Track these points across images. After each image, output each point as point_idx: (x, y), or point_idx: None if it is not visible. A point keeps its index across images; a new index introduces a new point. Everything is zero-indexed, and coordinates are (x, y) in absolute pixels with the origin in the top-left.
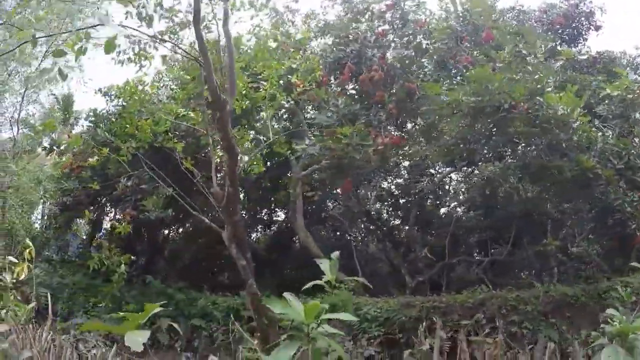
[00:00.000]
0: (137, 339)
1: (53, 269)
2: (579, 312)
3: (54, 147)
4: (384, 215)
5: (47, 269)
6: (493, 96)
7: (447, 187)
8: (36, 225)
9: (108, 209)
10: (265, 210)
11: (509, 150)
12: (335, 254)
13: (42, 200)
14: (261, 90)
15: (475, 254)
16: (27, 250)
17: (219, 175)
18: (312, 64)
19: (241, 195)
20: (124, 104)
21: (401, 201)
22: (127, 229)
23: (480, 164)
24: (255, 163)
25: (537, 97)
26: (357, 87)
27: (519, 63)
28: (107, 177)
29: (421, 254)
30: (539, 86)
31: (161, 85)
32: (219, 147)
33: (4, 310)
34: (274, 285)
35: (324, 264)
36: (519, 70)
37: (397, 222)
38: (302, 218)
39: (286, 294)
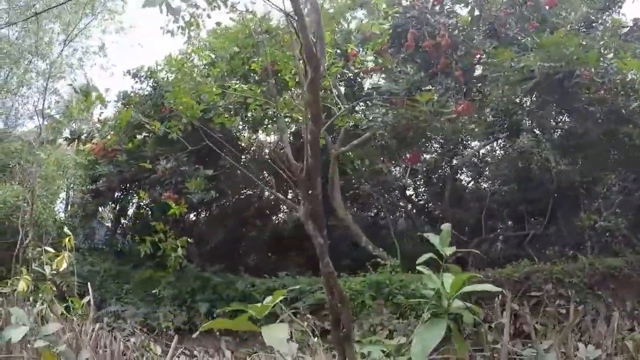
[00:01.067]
0: (277, 337)
1: (82, 257)
2: (623, 284)
3: (75, 137)
4: (419, 190)
5: (76, 257)
6: (568, 62)
7: (481, 160)
8: (61, 214)
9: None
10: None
11: (565, 118)
12: (447, 226)
13: (66, 189)
14: None
15: (511, 229)
16: (67, 239)
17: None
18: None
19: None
20: (169, 77)
21: (434, 176)
22: (183, 209)
23: (523, 134)
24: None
25: (604, 63)
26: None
27: (583, 29)
28: (143, 160)
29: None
30: (605, 52)
31: (204, 57)
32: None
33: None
34: (312, 265)
35: (433, 237)
36: (584, 36)
37: (431, 197)
38: (340, 195)
39: (421, 268)
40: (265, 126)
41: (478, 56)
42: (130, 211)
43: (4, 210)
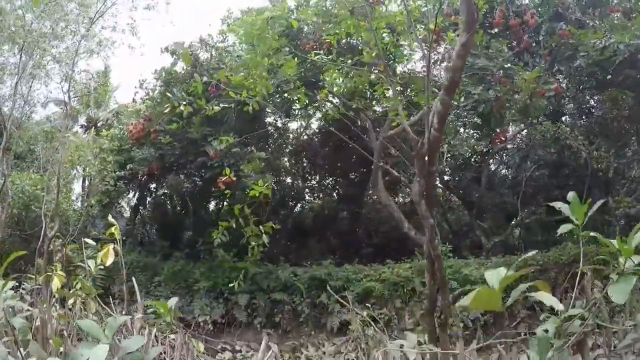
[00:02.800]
0: None
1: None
2: None
3: (92, 124)
4: (456, 175)
5: (97, 247)
6: None
7: (519, 146)
8: (77, 204)
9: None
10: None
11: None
12: (572, 195)
13: (83, 177)
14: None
15: (545, 214)
16: (113, 229)
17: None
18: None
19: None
20: (212, 53)
21: (472, 160)
22: (268, 191)
23: (565, 118)
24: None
25: None
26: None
27: None
28: (189, 141)
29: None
30: None
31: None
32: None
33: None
34: (354, 251)
35: (563, 205)
36: None
37: (468, 182)
38: (382, 181)
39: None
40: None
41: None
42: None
43: (22, 200)
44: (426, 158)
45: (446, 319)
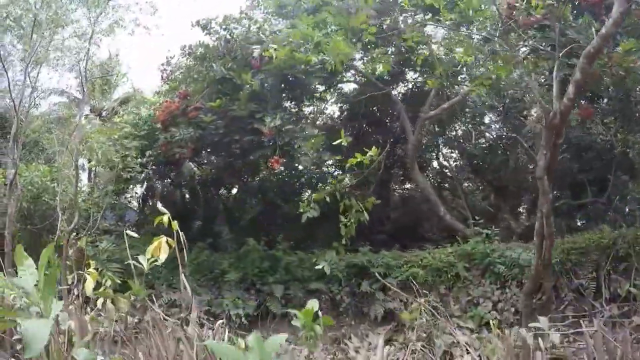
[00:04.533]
0: None
1: (118, 240)
2: None
3: (97, 113)
4: (485, 158)
5: (112, 241)
6: None
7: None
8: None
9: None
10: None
11: None
12: None
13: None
14: None
15: (571, 197)
16: (163, 218)
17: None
18: None
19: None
20: (250, 26)
21: (499, 143)
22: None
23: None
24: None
25: None
26: None
27: None
28: (232, 119)
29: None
30: None
31: None
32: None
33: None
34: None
35: None
36: None
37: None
38: (416, 163)
39: None
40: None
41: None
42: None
43: (31, 192)
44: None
45: (548, 301)
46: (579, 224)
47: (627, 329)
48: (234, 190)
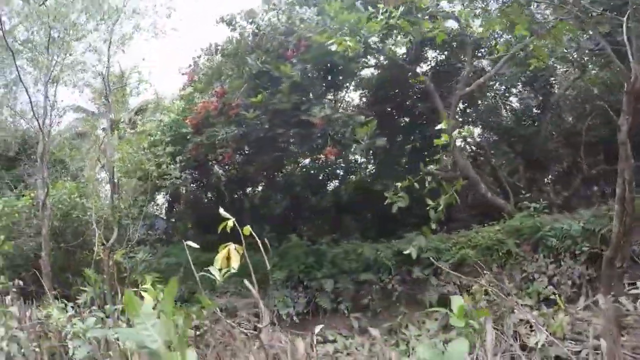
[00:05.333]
0: None
1: (152, 249)
2: None
3: (114, 127)
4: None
5: (148, 251)
6: None
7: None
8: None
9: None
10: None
11: None
12: None
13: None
14: None
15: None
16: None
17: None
18: None
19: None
20: (280, 18)
21: (531, 114)
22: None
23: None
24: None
25: None
26: None
27: None
28: (275, 113)
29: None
30: None
31: None
32: None
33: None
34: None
35: None
36: None
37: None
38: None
39: None
40: None
41: None
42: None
43: (61, 210)
44: None
45: (622, 270)
46: None
47: None
48: (259, 188)
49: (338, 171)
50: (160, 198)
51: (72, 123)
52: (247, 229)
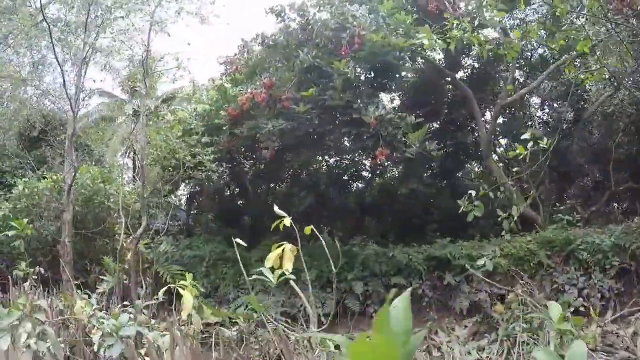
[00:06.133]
0: None
1: (175, 241)
2: None
3: (138, 113)
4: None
5: (170, 241)
6: None
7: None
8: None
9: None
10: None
11: None
12: None
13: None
14: None
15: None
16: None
17: None
18: None
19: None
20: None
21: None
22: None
23: None
24: None
25: None
26: None
27: None
28: (326, 110)
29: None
30: None
31: None
32: None
33: None
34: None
35: None
36: None
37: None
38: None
39: None
40: None
41: None
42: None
43: (84, 196)
44: None
45: None
46: None
47: None
48: (283, 185)
49: (364, 173)
50: (182, 189)
51: (98, 107)
52: (309, 229)
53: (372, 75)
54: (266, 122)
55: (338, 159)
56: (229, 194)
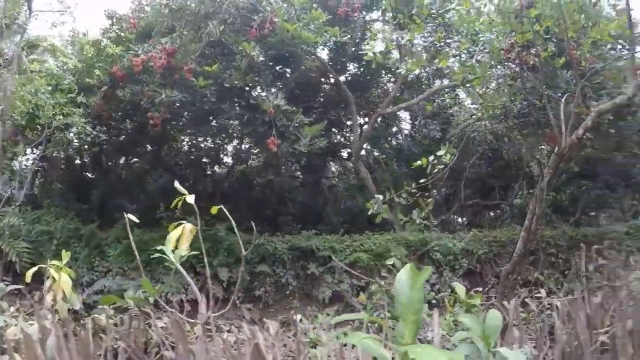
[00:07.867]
0: None
1: (20, 213)
2: None
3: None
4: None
5: (16, 212)
6: None
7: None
8: None
9: None
10: None
11: None
12: None
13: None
14: None
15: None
16: (187, 199)
17: None
18: None
19: None
20: None
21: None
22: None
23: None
24: None
25: None
26: None
27: None
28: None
29: None
30: None
31: None
32: None
33: None
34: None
35: None
36: None
37: None
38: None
39: None
40: None
41: None
42: None
43: None
44: None
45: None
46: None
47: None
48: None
49: (225, 158)
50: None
51: None
52: (215, 209)
53: (274, 63)
54: (160, 89)
55: (201, 139)
56: (79, 163)
